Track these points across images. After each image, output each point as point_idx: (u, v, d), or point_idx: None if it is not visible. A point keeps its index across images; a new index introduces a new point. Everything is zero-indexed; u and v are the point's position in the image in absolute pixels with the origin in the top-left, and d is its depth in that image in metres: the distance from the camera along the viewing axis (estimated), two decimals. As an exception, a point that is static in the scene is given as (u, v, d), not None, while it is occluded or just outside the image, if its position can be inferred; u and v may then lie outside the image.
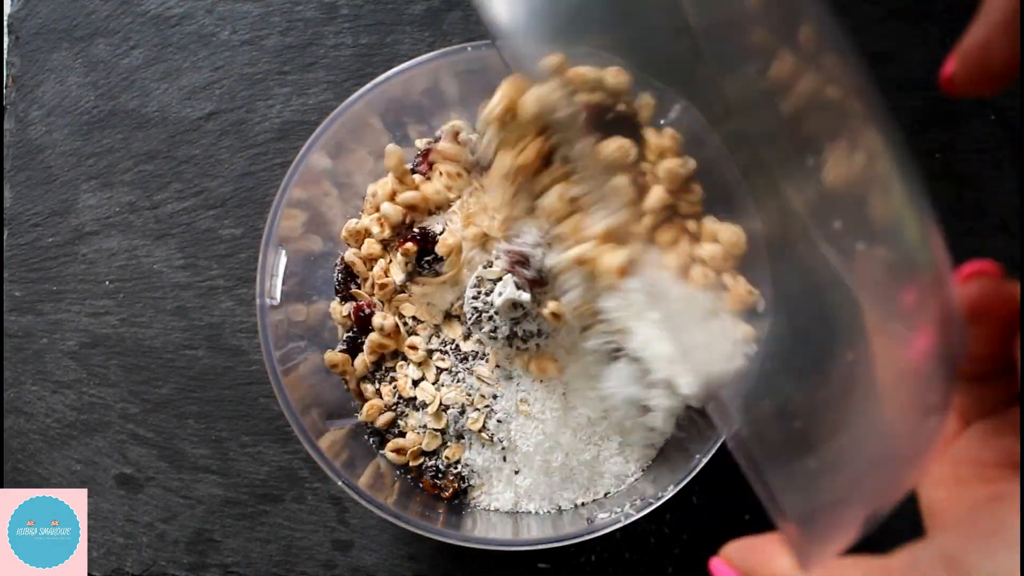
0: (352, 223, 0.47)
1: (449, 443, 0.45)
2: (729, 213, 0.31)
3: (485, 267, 0.44)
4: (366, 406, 0.46)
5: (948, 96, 0.25)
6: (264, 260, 0.42)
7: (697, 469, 0.39)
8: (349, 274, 0.48)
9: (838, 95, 0.22)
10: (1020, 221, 0.20)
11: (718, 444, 0.38)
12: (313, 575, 0.49)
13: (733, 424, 0.21)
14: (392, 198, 0.46)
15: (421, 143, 0.48)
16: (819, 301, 0.22)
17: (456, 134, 0.46)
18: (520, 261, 0.40)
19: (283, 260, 0.43)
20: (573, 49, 0.28)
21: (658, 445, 0.45)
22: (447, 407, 0.45)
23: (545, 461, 0.44)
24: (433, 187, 0.46)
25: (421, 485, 0.46)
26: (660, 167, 0.32)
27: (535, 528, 0.43)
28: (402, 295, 0.46)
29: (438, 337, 0.46)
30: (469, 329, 0.45)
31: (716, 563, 0.24)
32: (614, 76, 0.31)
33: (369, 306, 0.46)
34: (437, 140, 0.47)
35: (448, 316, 0.46)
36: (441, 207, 0.47)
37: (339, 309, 0.48)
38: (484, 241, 0.44)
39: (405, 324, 0.46)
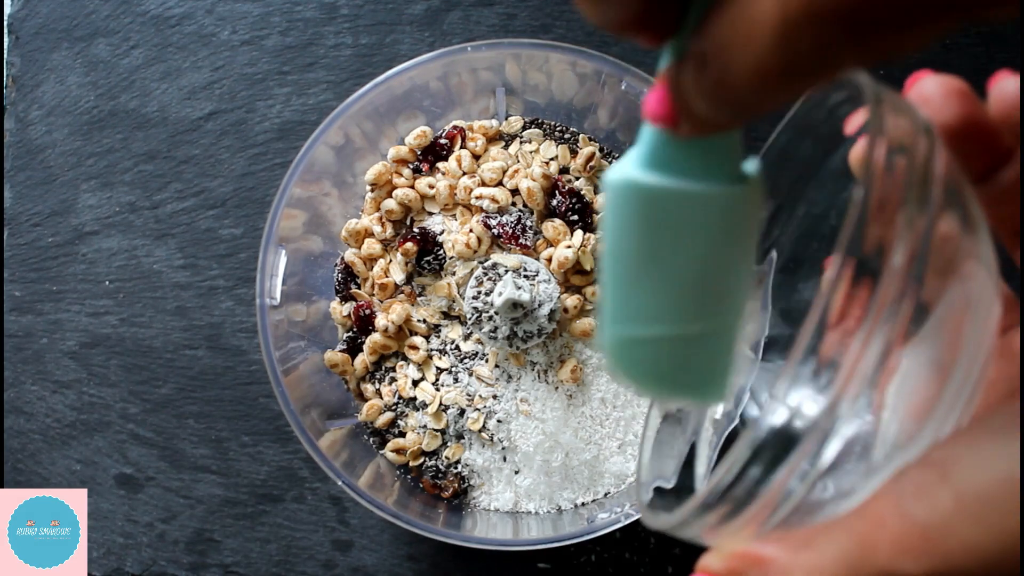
0: (352, 223, 0.47)
1: (449, 443, 0.45)
2: None
3: (484, 264, 0.44)
4: (366, 406, 0.46)
5: None
6: (264, 260, 0.42)
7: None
8: (349, 274, 0.48)
9: None
10: (1020, 220, 0.20)
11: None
12: (313, 575, 0.49)
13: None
14: (390, 192, 0.46)
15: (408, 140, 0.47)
16: None
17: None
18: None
19: (283, 260, 0.43)
20: None
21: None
22: (447, 407, 0.45)
23: (545, 461, 0.44)
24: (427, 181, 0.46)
25: (421, 485, 0.46)
26: None
27: (535, 528, 0.43)
28: (402, 295, 0.46)
29: (438, 337, 0.46)
30: (469, 329, 0.45)
31: None
32: None
33: (369, 306, 0.46)
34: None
35: (448, 316, 0.46)
36: (446, 206, 0.47)
37: (339, 309, 0.48)
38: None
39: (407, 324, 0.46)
